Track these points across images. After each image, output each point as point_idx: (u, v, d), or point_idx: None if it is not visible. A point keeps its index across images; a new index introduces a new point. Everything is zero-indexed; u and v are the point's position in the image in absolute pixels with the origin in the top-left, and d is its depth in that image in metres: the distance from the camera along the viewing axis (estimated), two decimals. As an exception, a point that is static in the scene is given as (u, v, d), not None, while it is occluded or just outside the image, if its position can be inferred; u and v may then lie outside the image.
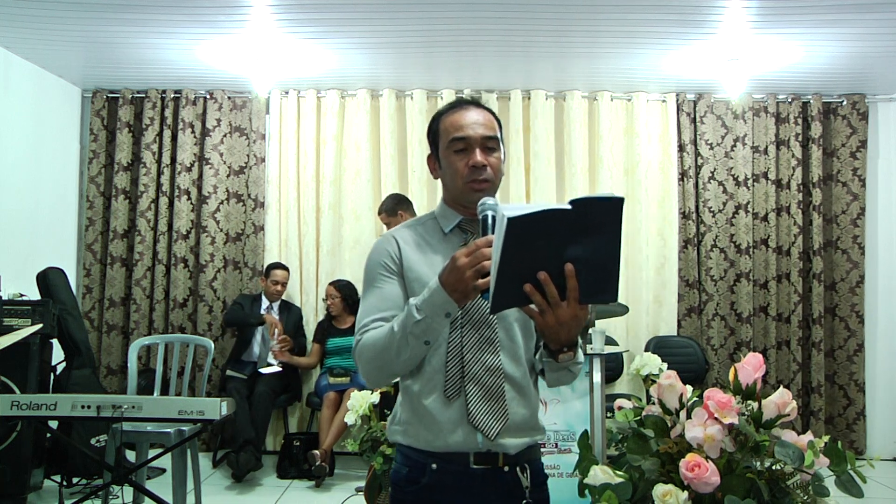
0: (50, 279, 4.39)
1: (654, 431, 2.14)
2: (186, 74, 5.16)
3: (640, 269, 5.39)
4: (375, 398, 3.53)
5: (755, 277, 5.44)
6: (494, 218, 1.36)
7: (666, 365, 3.81)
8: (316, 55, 4.75)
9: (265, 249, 5.44)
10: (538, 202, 4.83)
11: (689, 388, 2.24)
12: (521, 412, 1.52)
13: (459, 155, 1.54)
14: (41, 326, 3.92)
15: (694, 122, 5.50)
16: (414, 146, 5.38)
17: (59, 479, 4.13)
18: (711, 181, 5.45)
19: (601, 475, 2.07)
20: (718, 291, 5.41)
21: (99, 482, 4.08)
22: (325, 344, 5.13)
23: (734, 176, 5.44)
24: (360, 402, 3.52)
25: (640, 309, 5.38)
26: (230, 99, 5.52)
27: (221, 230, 5.48)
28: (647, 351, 5.12)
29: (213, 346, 4.37)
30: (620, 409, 2.39)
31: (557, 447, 3.37)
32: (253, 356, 5.14)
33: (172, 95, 5.48)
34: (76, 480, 4.24)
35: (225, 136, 5.51)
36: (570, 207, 1.19)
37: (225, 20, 4.15)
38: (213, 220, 5.45)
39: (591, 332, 3.40)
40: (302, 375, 5.29)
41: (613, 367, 5.09)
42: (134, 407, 3.13)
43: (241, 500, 4.29)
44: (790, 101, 5.44)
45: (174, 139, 5.49)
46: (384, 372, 1.49)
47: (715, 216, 5.44)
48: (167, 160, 5.46)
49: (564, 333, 1.35)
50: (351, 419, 3.54)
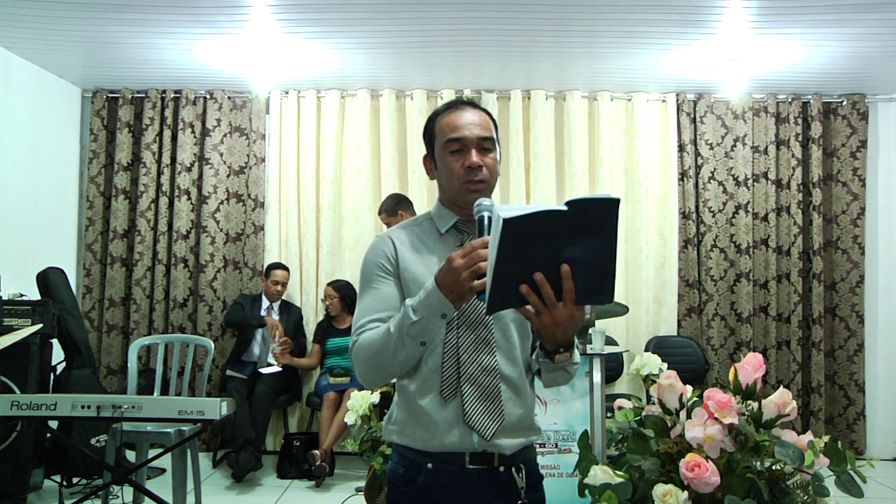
0: (50, 279, 4.39)
1: (654, 431, 2.14)
2: (186, 74, 5.16)
3: (640, 269, 5.39)
4: (375, 398, 3.53)
5: (755, 277, 5.44)
6: (490, 219, 1.36)
7: (666, 365, 3.82)
8: (316, 55, 4.75)
9: (265, 249, 5.44)
10: (537, 203, 4.84)
11: (689, 388, 2.24)
12: (517, 412, 1.52)
13: (455, 156, 1.54)
14: (41, 326, 3.93)
15: (694, 122, 5.50)
16: (414, 146, 5.38)
17: (59, 479, 4.13)
18: (711, 181, 5.45)
19: (601, 475, 2.07)
20: (718, 291, 5.41)
21: (99, 482, 4.08)
22: (324, 344, 5.14)
23: (734, 176, 5.44)
24: (360, 402, 3.52)
25: (640, 309, 5.38)
26: (230, 99, 5.52)
27: (221, 230, 5.48)
28: (647, 351, 5.12)
29: (213, 346, 4.37)
30: (620, 409, 2.39)
31: (557, 447, 3.37)
32: (253, 356, 5.14)
33: (172, 95, 5.48)
34: (76, 480, 4.24)
35: (225, 136, 5.51)
36: (566, 208, 1.19)
37: (225, 20, 4.15)
38: (213, 220, 5.45)
39: (591, 332, 3.40)
40: (302, 375, 5.29)
41: (613, 367, 5.09)
42: (134, 407, 3.13)
43: (241, 500, 4.29)
44: (790, 101, 5.44)
45: (174, 139, 5.49)
46: (380, 373, 1.49)
47: (715, 216, 5.44)
48: (167, 160, 5.46)
49: (561, 334, 1.35)
50: (351, 419, 3.54)
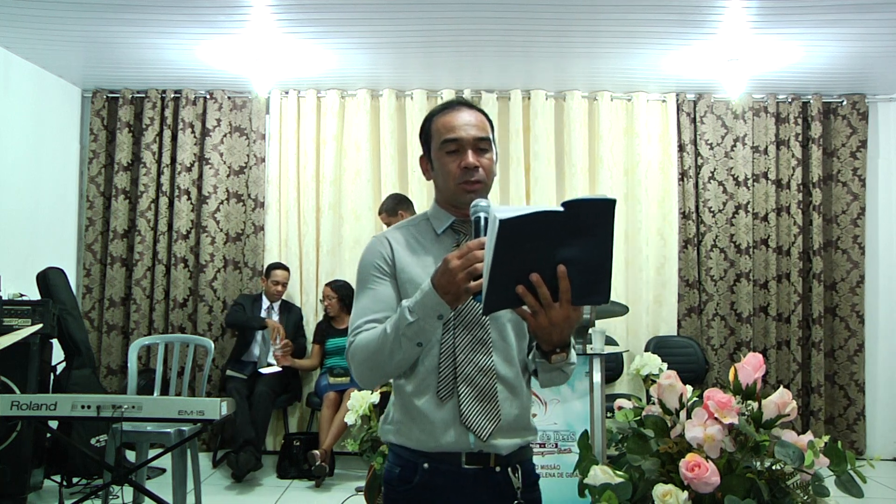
0: (50, 279, 4.39)
1: (654, 431, 2.14)
2: (186, 74, 5.16)
3: (640, 269, 5.39)
4: (375, 398, 3.52)
5: (755, 277, 5.43)
6: (487, 220, 1.36)
7: (666, 365, 3.81)
8: (316, 55, 4.75)
9: (265, 249, 5.44)
10: (537, 203, 4.84)
11: (689, 388, 2.24)
12: (513, 412, 1.52)
13: (451, 156, 1.54)
14: (41, 326, 3.93)
15: (694, 122, 5.50)
16: (414, 146, 5.37)
17: (59, 479, 4.13)
18: (711, 181, 5.45)
19: (601, 475, 2.07)
20: (718, 291, 5.41)
21: (99, 482, 4.08)
22: (324, 345, 5.14)
23: (734, 176, 5.44)
24: (360, 402, 3.52)
25: (640, 309, 5.38)
26: (230, 99, 5.52)
27: (221, 230, 5.48)
28: (647, 351, 5.12)
29: (213, 346, 4.37)
30: (620, 409, 2.39)
31: (557, 447, 3.37)
32: (253, 356, 5.14)
33: (172, 95, 5.48)
34: (76, 480, 4.24)
35: (225, 136, 5.51)
36: (561, 209, 1.19)
37: (225, 20, 4.15)
38: (213, 220, 5.45)
39: (591, 332, 3.40)
40: (302, 375, 5.29)
41: (613, 367, 5.09)
42: (134, 407, 3.13)
43: (241, 500, 4.29)
44: (790, 101, 5.44)
45: (174, 139, 5.49)
46: (377, 373, 1.49)
47: (715, 216, 5.44)
48: (167, 160, 5.46)
49: (557, 334, 1.35)
50: (351, 419, 3.53)
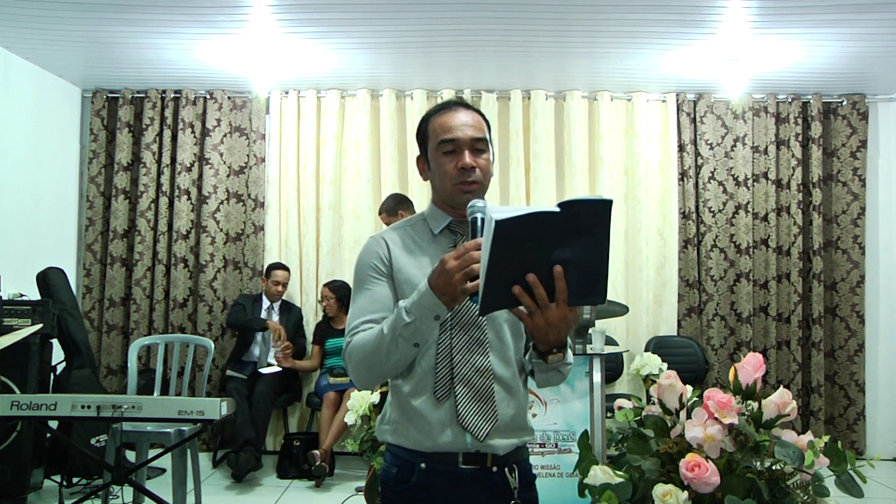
0: (50, 279, 4.39)
1: (654, 431, 2.14)
2: (186, 74, 5.16)
3: (640, 269, 5.39)
4: (375, 398, 3.52)
5: (755, 277, 5.43)
6: (483, 220, 1.36)
7: (666, 365, 3.81)
8: (316, 55, 4.75)
9: (265, 249, 5.44)
10: (536, 203, 4.85)
11: (689, 388, 2.24)
12: (510, 413, 1.52)
13: (448, 157, 1.54)
14: (41, 326, 3.92)
15: (694, 122, 5.50)
16: (414, 146, 5.30)
17: (59, 479, 4.13)
18: (711, 181, 5.45)
19: (601, 475, 2.07)
20: (718, 291, 5.41)
21: (99, 482, 4.08)
22: (323, 345, 5.14)
23: (734, 176, 5.44)
24: (360, 402, 3.51)
25: (640, 309, 5.37)
26: (230, 99, 5.52)
27: (221, 230, 5.48)
28: (647, 351, 5.12)
29: (213, 346, 4.37)
30: (620, 409, 2.39)
31: (557, 447, 3.37)
32: (253, 356, 5.14)
33: (172, 95, 5.48)
34: (76, 480, 4.24)
35: (225, 136, 5.51)
36: (558, 210, 1.19)
37: (225, 20, 4.15)
38: (213, 220, 5.45)
39: (591, 332, 3.39)
40: (302, 375, 5.29)
41: (613, 367, 5.09)
42: (134, 407, 3.13)
43: (241, 500, 4.29)
44: (790, 101, 5.44)
45: (174, 139, 5.49)
46: (374, 374, 1.49)
47: (715, 216, 5.44)
48: (167, 160, 5.46)
49: (553, 335, 1.35)
50: (351, 419, 3.53)
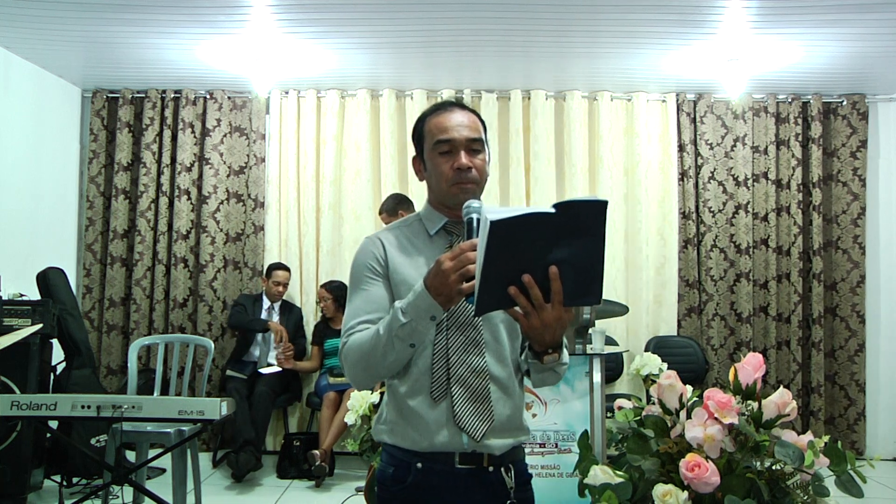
0: (50, 279, 4.39)
1: (654, 431, 2.14)
2: (186, 74, 5.16)
3: (640, 269, 5.39)
4: (375, 398, 3.52)
5: (755, 277, 5.43)
6: (479, 221, 1.36)
7: (666, 365, 3.80)
8: (316, 55, 4.75)
9: (265, 249, 5.44)
10: (537, 204, 4.84)
11: (689, 388, 2.24)
12: (506, 413, 1.52)
13: (444, 157, 1.55)
14: (41, 326, 3.92)
15: (694, 122, 5.50)
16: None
17: (59, 479, 4.13)
18: (711, 181, 5.45)
19: (601, 475, 2.07)
20: (718, 291, 5.40)
21: (99, 482, 4.08)
22: (322, 346, 5.14)
23: (734, 176, 5.44)
24: (359, 402, 3.51)
25: (640, 309, 5.37)
26: (230, 99, 5.52)
27: (221, 230, 5.48)
28: (647, 351, 5.12)
29: (213, 346, 4.37)
30: (620, 409, 2.40)
31: (557, 447, 3.37)
32: (253, 357, 5.14)
33: (172, 95, 5.48)
34: (76, 480, 4.24)
35: (225, 136, 5.51)
36: (553, 211, 1.19)
37: (225, 20, 4.15)
38: (213, 220, 5.45)
39: (591, 332, 3.39)
40: (302, 376, 5.29)
41: (613, 367, 5.09)
42: (134, 407, 3.13)
43: (241, 500, 4.29)
44: (790, 101, 5.44)
45: (174, 139, 5.49)
46: (370, 374, 1.49)
47: (715, 216, 5.44)
48: (167, 160, 5.46)
49: (549, 335, 1.35)
50: (351, 419, 3.53)
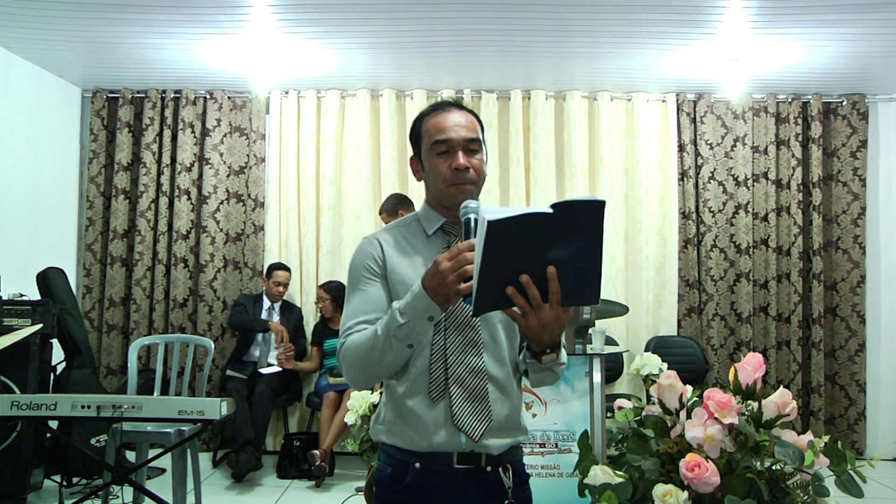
0: (50, 279, 4.39)
1: (654, 431, 2.14)
2: (186, 74, 5.16)
3: (640, 269, 5.39)
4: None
5: (755, 277, 5.43)
6: (476, 221, 1.36)
7: (666, 365, 3.80)
8: (316, 55, 4.75)
9: (265, 249, 5.44)
10: (537, 204, 4.83)
11: (689, 388, 2.24)
12: (504, 413, 1.53)
13: (442, 157, 1.55)
14: (41, 326, 3.92)
15: (694, 122, 5.50)
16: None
17: (59, 479, 4.13)
18: (711, 181, 5.45)
19: (601, 475, 2.07)
20: (718, 291, 5.40)
21: (99, 482, 4.08)
22: (322, 346, 5.14)
23: (734, 176, 5.44)
24: (359, 402, 3.51)
25: (640, 309, 5.37)
26: (230, 99, 5.52)
27: (221, 230, 5.48)
28: (647, 351, 5.12)
29: (213, 346, 4.37)
30: (620, 409, 2.40)
31: (557, 447, 3.37)
32: (253, 357, 5.13)
33: (172, 95, 5.48)
34: (76, 480, 4.24)
35: (225, 136, 5.51)
36: (551, 211, 1.19)
37: (225, 20, 4.15)
38: (213, 220, 5.45)
39: (591, 332, 3.39)
40: (302, 376, 5.28)
41: (613, 367, 5.09)
42: (134, 407, 3.13)
43: (241, 500, 4.29)
44: (790, 101, 5.44)
45: (174, 139, 5.49)
46: (368, 374, 1.49)
47: (715, 216, 5.44)
48: (167, 160, 5.46)
49: (547, 335, 1.35)
50: (351, 419, 3.53)
